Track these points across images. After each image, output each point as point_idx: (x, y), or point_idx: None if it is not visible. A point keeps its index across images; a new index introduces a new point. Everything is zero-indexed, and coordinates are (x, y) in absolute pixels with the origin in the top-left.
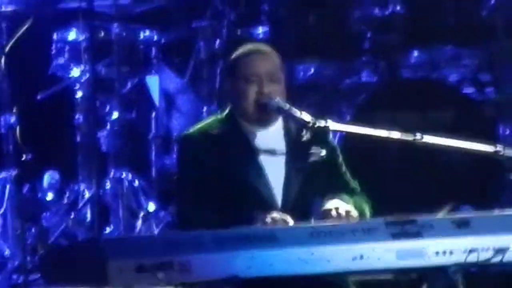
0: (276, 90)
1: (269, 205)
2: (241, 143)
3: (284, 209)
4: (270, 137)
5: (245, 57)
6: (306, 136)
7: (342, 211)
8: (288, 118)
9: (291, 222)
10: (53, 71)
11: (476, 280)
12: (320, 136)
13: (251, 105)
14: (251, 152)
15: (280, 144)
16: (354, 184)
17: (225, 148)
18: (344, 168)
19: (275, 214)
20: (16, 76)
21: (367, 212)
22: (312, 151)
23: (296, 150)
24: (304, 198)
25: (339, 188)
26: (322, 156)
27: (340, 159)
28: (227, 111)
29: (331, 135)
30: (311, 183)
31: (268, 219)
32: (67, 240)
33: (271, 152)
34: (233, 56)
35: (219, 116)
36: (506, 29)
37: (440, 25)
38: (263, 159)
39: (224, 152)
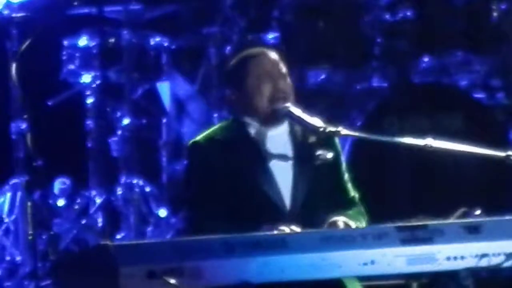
0: (289, 87)
1: (278, 209)
2: (249, 146)
3: (292, 212)
4: (278, 140)
5: (256, 57)
6: (312, 138)
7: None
8: (300, 123)
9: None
10: (64, 77)
11: (487, 285)
12: (326, 139)
13: (265, 102)
14: (260, 155)
15: (287, 147)
16: (354, 193)
17: (233, 152)
18: (346, 175)
19: (283, 227)
20: (27, 82)
21: (364, 224)
22: (318, 153)
23: (302, 153)
24: (312, 202)
25: (340, 194)
26: (329, 158)
27: (344, 166)
28: (232, 116)
29: (337, 140)
30: (317, 186)
31: (276, 232)
32: (78, 246)
33: (279, 155)
34: (241, 58)
35: (225, 122)
36: None
37: (450, 31)
38: (271, 162)
39: (232, 156)
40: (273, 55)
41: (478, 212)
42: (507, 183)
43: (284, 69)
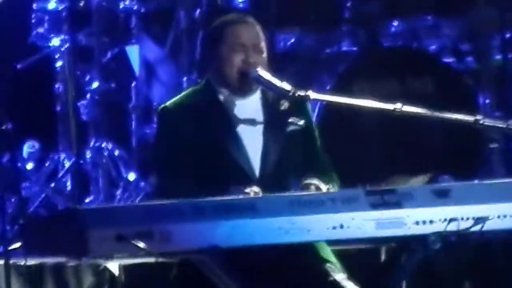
0: (261, 61)
1: (247, 175)
2: (219, 113)
3: (262, 179)
4: (249, 107)
5: (232, 26)
6: (284, 105)
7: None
8: (269, 87)
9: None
10: (33, 41)
11: (456, 249)
12: (298, 107)
13: (234, 73)
14: (230, 122)
15: (258, 114)
16: (326, 161)
17: (203, 118)
18: (318, 143)
19: (248, 190)
20: None
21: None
22: (289, 121)
23: (274, 120)
24: (281, 169)
25: (312, 161)
26: (300, 126)
27: (316, 133)
28: (205, 81)
29: (309, 107)
30: (288, 153)
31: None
32: (47, 209)
33: (249, 122)
34: (218, 24)
35: (197, 87)
36: None
37: None
38: (241, 129)
39: (202, 123)
40: (252, 25)
41: (446, 176)
42: (476, 147)
43: (260, 41)
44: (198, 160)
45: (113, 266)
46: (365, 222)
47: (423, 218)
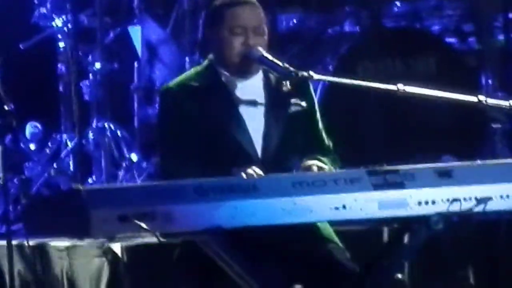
0: (261, 43)
1: (249, 156)
2: (221, 94)
3: (264, 160)
4: (250, 88)
5: (232, 7)
6: (286, 87)
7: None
8: (272, 68)
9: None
10: (36, 21)
11: (459, 229)
12: (301, 88)
13: (235, 56)
14: (232, 103)
15: (260, 95)
16: (328, 143)
17: (206, 99)
18: (320, 125)
19: (250, 170)
20: None
21: None
22: (291, 102)
23: (276, 101)
24: (284, 150)
25: (315, 143)
26: (302, 107)
27: (318, 115)
28: (207, 62)
29: (311, 88)
30: (290, 134)
31: (243, 175)
32: (49, 190)
33: (252, 103)
34: (218, 4)
35: (199, 68)
36: None
37: None
38: (243, 110)
39: (204, 103)
40: (253, 7)
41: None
42: (479, 128)
43: (261, 23)
44: (200, 141)
45: (116, 247)
46: (367, 203)
47: (426, 198)
